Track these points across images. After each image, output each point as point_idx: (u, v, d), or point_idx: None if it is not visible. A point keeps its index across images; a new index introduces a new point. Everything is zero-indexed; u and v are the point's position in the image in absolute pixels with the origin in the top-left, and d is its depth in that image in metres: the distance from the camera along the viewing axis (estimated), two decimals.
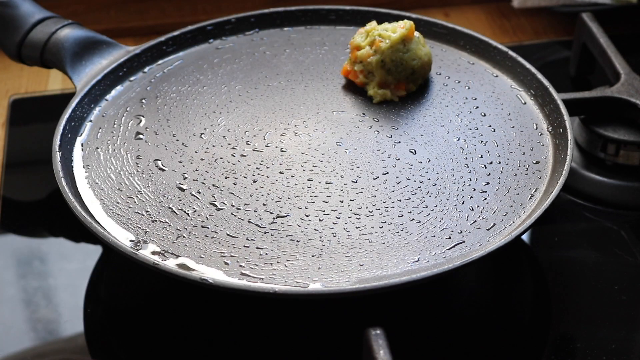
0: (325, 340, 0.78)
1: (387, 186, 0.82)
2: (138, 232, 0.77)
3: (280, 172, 0.84)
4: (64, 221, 0.85)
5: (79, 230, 0.77)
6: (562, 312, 0.81)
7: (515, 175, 0.83)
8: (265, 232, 0.77)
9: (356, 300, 0.78)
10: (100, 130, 0.89)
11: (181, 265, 0.74)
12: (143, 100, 0.93)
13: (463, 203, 0.80)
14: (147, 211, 0.79)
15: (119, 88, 0.94)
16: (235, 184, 0.82)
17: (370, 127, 0.89)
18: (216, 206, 0.80)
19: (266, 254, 0.75)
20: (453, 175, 0.83)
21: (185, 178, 0.83)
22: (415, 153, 0.86)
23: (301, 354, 0.77)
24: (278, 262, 0.74)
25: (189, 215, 0.79)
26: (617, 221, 0.91)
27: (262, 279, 0.73)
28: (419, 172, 0.83)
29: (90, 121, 0.90)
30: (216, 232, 0.77)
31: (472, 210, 0.79)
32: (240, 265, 0.74)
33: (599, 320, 0.80)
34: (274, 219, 0.79)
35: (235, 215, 0.79)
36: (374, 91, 0.93)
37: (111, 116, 0.90)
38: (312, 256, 0.75)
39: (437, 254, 0.75)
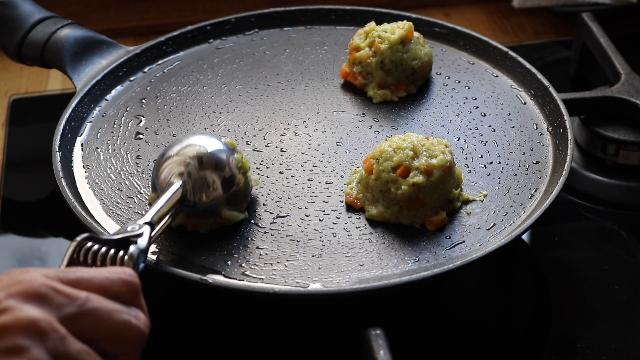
0: (325, 340, 0.78)
1: None
2: None
3: (280, 172, 0.84)
4: (64, 221, 0.85)
5: (79, 230, 0.77)
6: (562, 312, 0.81)
7: (515, 175, 0.83)
8: (265, 232, 0.77)
9: (356, 300, 0.78)
10: (100, 130, 0.89)
11: (181, 265, 0.73)
12: (143, 100, 0.93)
13: (463, 203, 0.80)
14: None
15: (119, 88, 0.94)
16: None
17: (370, 127, 0.89)
18: None
19: (266, 254, 0.75)
20: None
21: None
22: None
23: (301, 354, 0.77)
24: (278, 262, 0.74)
25: None
26: (617, 221, 0.91)
27: (262, 279, 0.73)
28: None
29: (90, 121, 0.90)
30: (216, 232, 0.77)
31: (472, 210, 0.79)
32: (241, 265, 0.74)
33: (599, 320, 0.80)
34: (274, 219, 0.79)
35: None
36: (374, 92, 0.93)
37: (111, 116, 0.90)
38: (312, 256, 0.75)
39: (437, 254, 0.75)
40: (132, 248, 0.64)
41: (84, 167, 0.84)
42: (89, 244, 0.64)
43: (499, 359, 0.78)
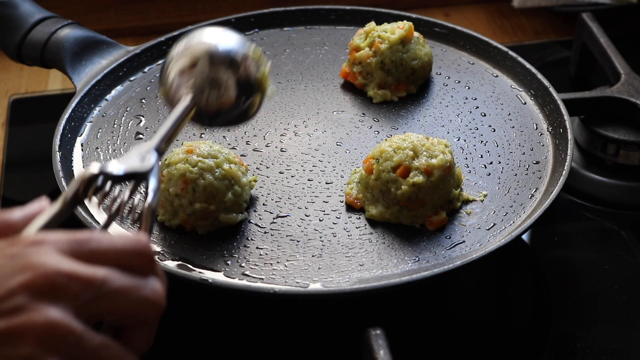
0: (325, 340, 0.78)
1: None
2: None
3: (280, 172, 0.84)
4: (64, 221, 0.85)
5: (79, 230, 0.77)
6: (562, 312, 0.81)
7: (515, 175, 0.83)
8: (265, 232, 0.77)
9: (356, 300, 0.78)
10: (100, 130, 0.88)
11: (181, 266, 0.74)
12: (143, 100, 0.93)
13: (463, 203, 0.80)
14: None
15: (119, 88, 0.94)
16: None
17: (370, 127, 0.89)
18: None
19: (266, 254, 0.75)
20: None
21: None
22: None
23: (301, 354, 0.77)
24: (278, 262, 0.74)
25: None
26: (617, 221, 0.91)
27: (262, 279, 0.73)
28: None
29: (90, 121, 0.90)
30: (216, 232, 0.77)
31: (472, 210, 0.79)
32: (241, 266, 0.74)
33: (599, 320, 0.80)
34: (274, 219, 0.79)
35: None
36: (374, 92, 0.93)
37: (111, 116, 0.90)
38: (312, 256, 0.75)
39: (437, 254, 0.75)
40: (149, 197, 0.60)
41: (84, 167, 0.84)
42: (99, 182, 0.59)
43: (499, 358, 0.78)
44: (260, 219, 0.79)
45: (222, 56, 0.67)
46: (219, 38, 0.69)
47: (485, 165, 0.84)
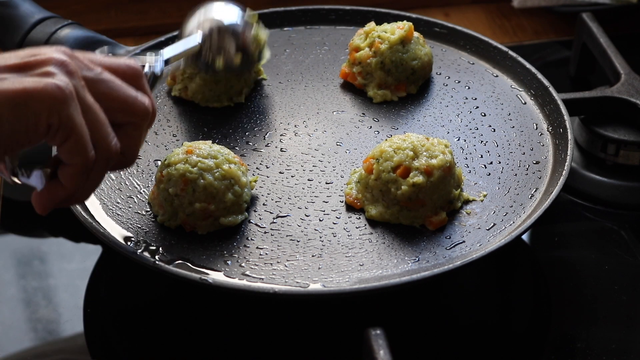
0: (325, 340, 0.78)
1: None
2: (138, 232, 0.77)
3: (280, 172, 0.84)
4: (64, 221, 0.85)
5: (79, 230, 0.77)
6: (562, 312, 0.81)
7: (515, 175, 0.83)
8: (265, 232, 0.77)
9: (356, 300, 0.78)
10: None
11: (181, 265, 0.74)
12: None
13: (463, 203, 0.80)
14: (147, 211, 0.79)
15: None
16: None
17: (370, 127, 0.89)
18: None
19: (266, 254, 0.75)
20: None
21: None
22: None
23: (301, 354, 0.77)
24: (278, 262, 0.74)
25: None
26: (617, 221, 0.91)
27: (262, 279, 0.73)
28: None
29: None
30: (216, 232, 0.77)
31: (472, 210, 0.79)
32: (241, 266, 0.74)
33: (599, 320, 0.80)
34: (274, 219, 0.79)
35: None
36: (374, 92, 0.93)
37: None
38: (312, 256, 0.75)
39: (437, 254, 0.75)
40: (146, 67, 0.73)
41: None
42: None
43: (499, 359, 0.78)
44: (260, 219, 0.79)
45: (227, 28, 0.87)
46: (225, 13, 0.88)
47: (485, 165, 0.84)
